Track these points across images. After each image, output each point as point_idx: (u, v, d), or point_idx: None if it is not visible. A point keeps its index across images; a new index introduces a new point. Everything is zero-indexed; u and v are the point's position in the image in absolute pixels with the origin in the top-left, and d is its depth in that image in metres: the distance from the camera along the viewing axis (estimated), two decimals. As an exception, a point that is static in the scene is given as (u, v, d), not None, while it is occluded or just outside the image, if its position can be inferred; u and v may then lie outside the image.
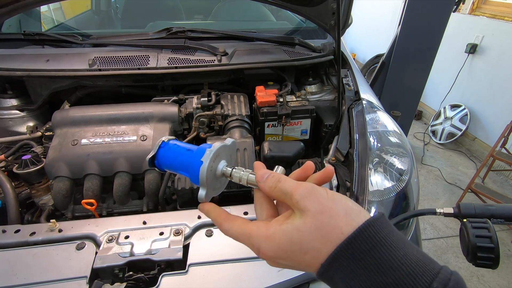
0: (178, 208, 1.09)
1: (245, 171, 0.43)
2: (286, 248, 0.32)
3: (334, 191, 0.34)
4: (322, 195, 0.32)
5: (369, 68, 4.64)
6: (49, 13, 2.36)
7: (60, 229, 0.85)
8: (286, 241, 0.32)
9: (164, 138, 0.50)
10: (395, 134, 1.14)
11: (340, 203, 0.32)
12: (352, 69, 1.47)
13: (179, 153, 0.48)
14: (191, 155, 0.45)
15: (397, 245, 0.29)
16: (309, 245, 0.30)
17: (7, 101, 1.29)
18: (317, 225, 0.30)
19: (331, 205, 0.31)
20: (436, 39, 2.51)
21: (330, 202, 0.32)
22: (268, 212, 0.40)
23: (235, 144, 0.49)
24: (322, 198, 0.32)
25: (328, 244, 0.30)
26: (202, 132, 1.30)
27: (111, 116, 1.16)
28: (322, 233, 0.30)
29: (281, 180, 0.37)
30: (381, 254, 0.28)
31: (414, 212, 0.72)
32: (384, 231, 0.29)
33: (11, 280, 0.73)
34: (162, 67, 1.26)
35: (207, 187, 0.43)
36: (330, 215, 0.31)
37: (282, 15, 2.23)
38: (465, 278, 2.10)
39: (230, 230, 0.38)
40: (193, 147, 0.47)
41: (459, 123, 3.56)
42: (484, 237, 0.54)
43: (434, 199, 2.83)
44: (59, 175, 1.03)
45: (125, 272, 0.76)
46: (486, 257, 0.54)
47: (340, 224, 0.30)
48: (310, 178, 0.41)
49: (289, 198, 0.34)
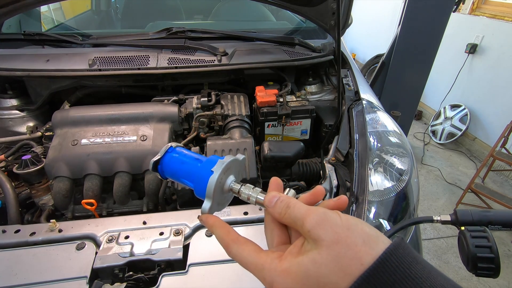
0: (178, 208, 1.09)
1: (254, 190, 0.40)
2: (303, 283, 0.29)
3: (348, 216, 0.31)
4: (336, 222, 0.30)
5: (369, 68, 4.64)
6: (49, 13, 2.37)
7: (60, 229, 0.85)
8: (302, 276, 0.29)
9: (173, 143, 0.49)
10: (395, 134, 1.14)
11: (356, 229, 0.29)
12: (352, 69, 1.47)
13: (187, 160, 0.46)
14: (200, 164, 0.43)
15: (422, 274, 0.26)
16: (327, 279, 0.28)
17: (7, 101, 1.29)
18: (334, 257, 0.28)
19: (346, 233, 0.29)
20: (436, 39, 2.51)
21: (346, 230, 0.29)
22: (279, 239, 0.37)
23: (245, 160, 0.48)
24: (336, 226, 0.29)
25: (347, 278, 0.27)
26: (202, 132, 1.30)
27: (111, 116, 1.16)
28: (339, 266, 0.27)
29: (291, 205, 0.34)
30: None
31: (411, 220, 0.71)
32: (407, 259, 0.27)
33: (11, 280, 0.73)
34: (162, 67, 1.26)
35: (212, 200, 0.40)
36: (347, 244, 0.28)
37: (282, 15, 2.23)
38: (465, 278, 2.09)
39: (239, 255, 0.35)
40: (202, 157, 0.45)
41: (459, 123, 3.56)
42: (484, 247, 0.53)
43: (434, 199, 2.83)
44: (59, 175, 1.03)
45: (125, 272, 0.76)
46: (486, 267, 0.54)
47: (359, 254, 0.27)
48: (321, 205, 0.37)
49: (300, 226, 0.32)
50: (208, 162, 0.42)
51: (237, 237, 0.36)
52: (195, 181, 0.43)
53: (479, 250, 0.53)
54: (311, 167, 1.22)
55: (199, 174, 0.42)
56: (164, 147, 0.48)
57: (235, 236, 0.37)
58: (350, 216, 0.31)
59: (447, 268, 2.13)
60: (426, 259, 2.20)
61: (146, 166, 1.08)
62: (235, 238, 0.36)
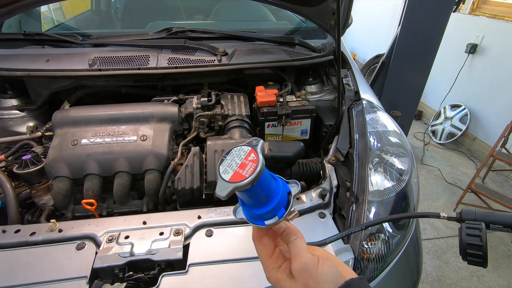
0: (178, 208, 1.09)
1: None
2: None
3: (324, 268, 0.43)
4: (311, 274, 0.42)
5: (369, 68, 4.64)
6: (49, 13, 2.37)
7: (60, 229, 0.85)
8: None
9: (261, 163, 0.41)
10: (395, 134, 1.14)
11: (325, 281, 0.42)
12: (352, 69, 1.47)
13: (271, 188, 0.45)
14: (264, 210, 0.45)
15: None
16: None
17: (7, 101, 1.29)
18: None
19: (314, 284, 0.42)
20: (436, 39, 2.51)
21: (315, 282, 0.42)
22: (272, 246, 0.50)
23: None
24: (310, 277, 0.42)
25: None
26: (202, 132, 1.30)
27: (111, 116, 1.16)
28: None
29: (291, 241, 0.47)
30: None
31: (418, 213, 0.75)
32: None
33: (11, 280, 0.73)
34: (162, 67, 1.26)
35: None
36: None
37: (282, 15, 2.23)
38: (465, 278, 2.10)
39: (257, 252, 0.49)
40: (269, 196, 0.44)
41: (459, 123, 3.56)
42: (474, 236, 0.59)
43: (434, 199, 2.82)
44: (59, 175, 1.03)
45: (125, 272, 0.76)
46: (475, 254, 0.59)
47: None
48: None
49: (291, 260, 0.45)
50: (281, 199, 0.46)
51: (262, 236, 0.49)
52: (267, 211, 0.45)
53: (469, 238, 0.59)
54: (311, 167, 1.22)
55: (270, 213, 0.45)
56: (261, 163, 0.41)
57: (261, 235, 0.49)
58: (327, 269, 0.43)
59: (447, 268, 2.13)
60: (426, 259, 2.20)
61: (146, 166, 1.08)
62: (259, 237, 0.49)
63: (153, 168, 1.08)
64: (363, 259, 0.82)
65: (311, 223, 0.90)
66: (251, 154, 0.42)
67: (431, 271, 2.11)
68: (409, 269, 1.00)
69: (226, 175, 0.41)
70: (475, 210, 0.64)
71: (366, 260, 0.83)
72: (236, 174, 0.40)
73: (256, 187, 0.41)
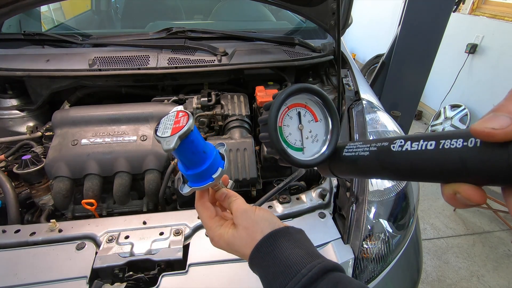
0: (178, 208, 1.09)
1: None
2: (226, 244, 0.49)
3: (260, 212, 0.49)
4: (250, 216, 0.48)
5: (369, 68, 4.64)
6: (49, 13, 2.36)
7: (60, 229, 0.85)
8: (227, 241, 0.48)
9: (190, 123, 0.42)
10: (395, 134, 1.14)
11: (260, 222, 0.47)
12: (352, 69, 1.47)
13: (196, 150, 0.46)
14: (207, 163, 0.47)
15: (286, 245, 0.44)
16: (238, 247, 0.47)
17: (7, 101, 1.29)
18: (243, 236, 0.47)
19: (253, 224, 0.47)
20: (436, 39, 2.51)
21: (254, 223, 0.47)
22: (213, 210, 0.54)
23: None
24: (249, 219, 0.48)
25: (248, 248, 0.46)
26: (202, 132, 1.30)
27: (111, 116, 1.16)
28: (245, 241, 0.46)
29: (232, 201, 0.52)
30: (275, 253, 0.43)
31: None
32: (281, 238, 0.45)
33: (11, 280, 0.73)
34: (162, 67, 1.26)
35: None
36: (252, 231, 0.46)
37: (282, 15, 2.23)
38: (465, 278, 2.09)
39: (199, 215, 0.53)
40: (206, 150, 0.47)
41: (459, 123, 3.56)
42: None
43: (434, 199, 2.82)
44: (59, 175, 1.03)
45: (125, 272, 0.76)
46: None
47: (256, 237, 0.46)
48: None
49: (233, 213, 0.51)
50: (212, 163, 0.48)
51: (205, 201, 0.53)
52: (192, 170, 0.47)
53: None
54: (311, 167, 1.21)
55: (202, 172, 0.47)
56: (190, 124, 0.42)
57: (204, 200, 0.53)
58: (262, 212, 0.49)
59: (447, 268, 2.13)
60: (426, 259, 2.19)
61: (146, 166, 1.08)
62: (202, 202, 0.53)
63: (153, 168, 1.08)
64: (363, 259, 0.83)
65: (311, 223, 0.90)
66: (179, 113, 0.44)
67: (431, 271, 2.11)
68: (409, 269, 1.00)
69: (166, 133, 0.42)
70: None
71: (366, 260, 0.83)
72: (174, 128, 0.42)
73: (194, 135, 0.43)
